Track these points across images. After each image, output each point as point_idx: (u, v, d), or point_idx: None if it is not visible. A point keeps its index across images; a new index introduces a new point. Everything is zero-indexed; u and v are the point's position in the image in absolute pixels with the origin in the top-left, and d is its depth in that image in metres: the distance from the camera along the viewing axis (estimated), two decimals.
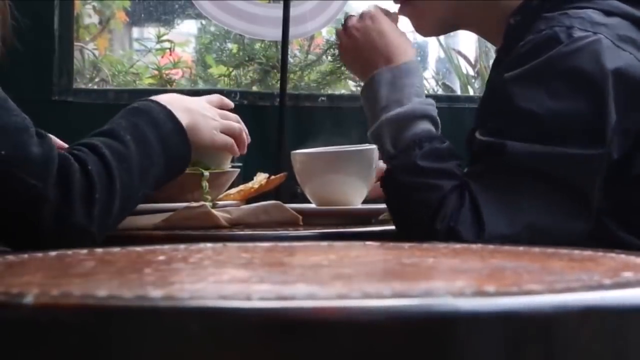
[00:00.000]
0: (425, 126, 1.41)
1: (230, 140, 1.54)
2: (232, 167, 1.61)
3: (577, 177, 1.31)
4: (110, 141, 1.32)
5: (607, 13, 1.38)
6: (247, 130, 1.59)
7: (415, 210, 1.34)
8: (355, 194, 1.61)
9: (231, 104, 1.61)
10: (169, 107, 1.42)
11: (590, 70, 1.31)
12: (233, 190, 1.64)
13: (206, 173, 1.50)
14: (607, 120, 1.30)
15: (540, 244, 1.18)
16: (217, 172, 1.53)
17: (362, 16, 1.53)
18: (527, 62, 1.34)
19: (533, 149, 1.30)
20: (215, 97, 1.59)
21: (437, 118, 1.45)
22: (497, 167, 1.31)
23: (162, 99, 1.45)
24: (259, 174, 1.67)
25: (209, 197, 1.50)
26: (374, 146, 1.56)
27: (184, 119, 1.42)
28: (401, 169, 1.38)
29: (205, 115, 1.49)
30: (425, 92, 1.52)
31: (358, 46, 1.51)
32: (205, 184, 1.50)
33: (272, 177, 1.65)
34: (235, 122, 1.56)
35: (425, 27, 1.60)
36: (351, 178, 1.60)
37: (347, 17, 1.56)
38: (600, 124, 1.30)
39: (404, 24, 1.57)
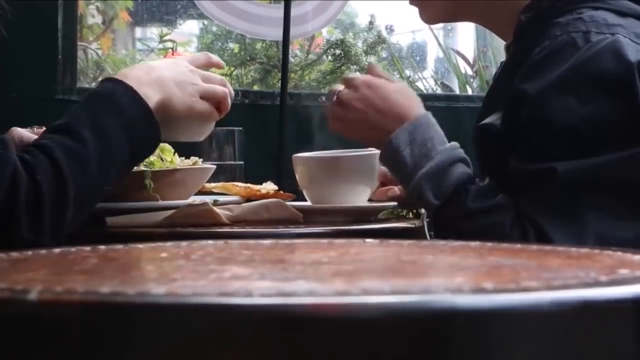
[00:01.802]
0: (461, 169, 1.40)
1: (209, 108, 1.44)
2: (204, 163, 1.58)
3: (631, 178, 1.31)
4: (67, 140, 1.25)
5: (620, 14, 1.38)
6: (232, 93, 1.49)
7: None
8: (357, 199, 1.61)
9: (221, 63, 1.53)
10: (135, 86, 1.33)
11: (614, 69, 1.31)
12: (241, 184, 1.65)
13: (147, 171, 1.47)
14: None
15: None
16: (164, 170, 1.51)
17: (356, 87, 1.46)
18: (546, 70, 1.33)
19: (583, 165, 1.29)
20: (202, 57, 1.50)
21: (467, 158, 1.44)
22: (553, 191, 1.30)
23: (130, 75, 1.36)
24: (269, 183, 1.68)
25: (157, 196, 1.47)
26: (376, 151, 1.56)
27: (153, 95, 1.34)
28: (455, 217, 1.36)
29: (181, 82, 1.40)
30: (424, 91, 1.52)
31: (364, 118, 1.45)
32: (148, 182, 1.47)
33: (281, 192, 1.65)
34: (220, 85, 1.47)
35: (430, 15, 1.59)
36: (353, 183, 1.60)
37: (336, 92, 1.49)
38: (638, 118, 1.30)
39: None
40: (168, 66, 1.41)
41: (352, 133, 1.48)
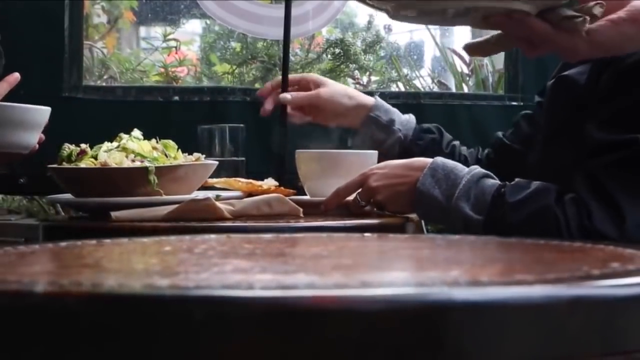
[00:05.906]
0: (490, 182, 1.43)
1: None
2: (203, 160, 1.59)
3: None
4: None
5: None
6: None
7: (546, 235, 1.31)
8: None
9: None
10: None
11: None
12: (242, 180, 1.66)
13: (151, 167, 1.48)
14: None
15: None
16: (167, 166, 1.51)
17: (367, 177, 1.53)
18: None
19: None
20: None
21: (489, 172, 1.46)
22: (631, 160, 1.32)
23: None
24: (270, 179, 1.69)
25: (161, 191, 1.48)
26: (376, 152, 1.59)
27: None
28: (503, 216, 1.38)
29: None
30: (422, 89, 1.53)
31: (391, 189, 1.50)
32: (152, 177, 1.48)
33: (282, 188, 1.66)
34: None
35: None
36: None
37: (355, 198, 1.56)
38: None
39: None
40: None
41: (393, 207, 1.53)
